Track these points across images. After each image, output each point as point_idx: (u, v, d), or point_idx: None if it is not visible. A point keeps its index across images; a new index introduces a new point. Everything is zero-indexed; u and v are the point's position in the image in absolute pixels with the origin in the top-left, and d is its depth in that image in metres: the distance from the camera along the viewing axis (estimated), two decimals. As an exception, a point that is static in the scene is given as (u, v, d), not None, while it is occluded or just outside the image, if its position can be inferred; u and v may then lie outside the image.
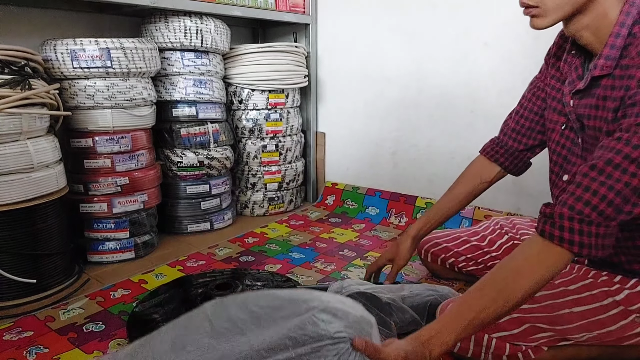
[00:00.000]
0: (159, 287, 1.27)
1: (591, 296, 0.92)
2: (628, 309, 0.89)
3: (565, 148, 0.98)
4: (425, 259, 1.36)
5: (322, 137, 2.17)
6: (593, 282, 0.94)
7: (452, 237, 1.32)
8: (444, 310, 0.95)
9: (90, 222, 1.49)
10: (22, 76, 1.19)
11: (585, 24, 0.84)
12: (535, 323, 0.91)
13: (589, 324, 0.90)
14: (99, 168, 1.46)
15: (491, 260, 1.24)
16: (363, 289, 1.05)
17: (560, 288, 0.95)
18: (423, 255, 1.36)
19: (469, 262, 1.27)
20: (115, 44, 1.39)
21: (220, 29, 1.71)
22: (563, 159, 0.98)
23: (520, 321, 0.91)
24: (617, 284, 0.92)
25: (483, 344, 0.91)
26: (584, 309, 0.91)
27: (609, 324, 0.90)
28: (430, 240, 1.33)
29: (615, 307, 0.90)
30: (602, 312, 0.90)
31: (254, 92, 1.88)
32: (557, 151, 1.00)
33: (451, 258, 1.29)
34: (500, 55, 1.59)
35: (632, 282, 0.91)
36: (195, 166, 1.73)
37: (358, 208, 1.99)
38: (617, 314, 0.90)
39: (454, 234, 1.33)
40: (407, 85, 1.84)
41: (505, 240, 1.25)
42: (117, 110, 1.45)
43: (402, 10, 1.80)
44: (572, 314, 0.90)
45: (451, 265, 1.30)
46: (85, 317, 1.17)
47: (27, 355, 1.01)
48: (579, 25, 0.85)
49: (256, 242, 1.68)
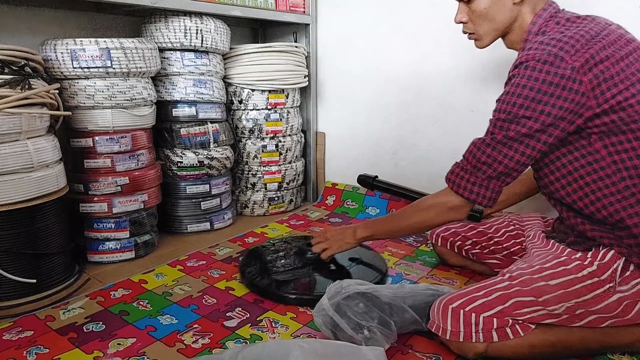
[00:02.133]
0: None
1: (565, 270, 0.98)
2: (601, 279, 0.96)
3: None
4: (435, 242, 1.45)
5: (322, 137, 2.17)
6: (567, 259, 1.00)
7: (461, 224, 1.41)
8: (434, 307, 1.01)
9: (91, 222, 1.49)
10: (22, 76, 1.19)
11: (513, 40, 1.10)
12: (518, 297, 0.96)
13: (566, 294, 0.95)
14: (99, 168, 1.46)
15: (494, 245, 1.33)
16: (363, 289, 1.05)
17: (536, 266, 1.01)
18: (434, 240, 1.45)
19: (474, 246, 1.36)
20: (115, 44, 1.39)
21: (220, 29, 1.71)
22: None
23: (504, 298, 0.97)
24: (589, 258, 0.98)
25: (472, 322, 0.95)
26: (560, 280, 0.97)
27: (585, 293, 0.95)
28: (441, 226, 1.43)
29: (590, 279, 0.96)
30: (577, 282, 0.96)
31: (254, 92, 1.88)
32: None
33: (458, 241, 1.39)
34: (500, 55, 1.59)
35: (600, 254, 0.98)
36: (195, 166, 1.73)
37: (358, 208, 1.99)
38: (592, 285, 0.96)
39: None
40: (407, 85, 1.84)
41: (511, 229, 1.33)
42: (117, 110, 1.45)
43: (402, 10, 1.80)
44: (549, 285, 0.96)
45: (459, 248, 1.39)
46: (85, 316, 1.17)
47: (27, 355, 1.01)
48: (510, 41, 1.12)
49: (256, 242, 1.68)
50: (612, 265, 0.96)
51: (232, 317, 1.17)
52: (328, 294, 1.05)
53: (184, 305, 1.23)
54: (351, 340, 0.97)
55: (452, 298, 1.00)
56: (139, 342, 1.06)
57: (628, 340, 1.00)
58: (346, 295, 1.03)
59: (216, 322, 1.15)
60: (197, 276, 1.40)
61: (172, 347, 1.04)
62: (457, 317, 0.97)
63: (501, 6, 1.04)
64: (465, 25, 1.12)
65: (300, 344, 0.85)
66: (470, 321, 0.96)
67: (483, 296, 0.98)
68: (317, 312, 1.04)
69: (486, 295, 0.98)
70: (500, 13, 1.05)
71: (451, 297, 1.00)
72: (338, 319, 0.99)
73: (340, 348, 0.87)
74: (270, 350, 0.84)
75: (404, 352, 1.03)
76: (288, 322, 1.15)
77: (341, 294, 1.03)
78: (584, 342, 0.98)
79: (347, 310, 1.00)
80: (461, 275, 1.41)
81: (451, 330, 0.97)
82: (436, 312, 1.00)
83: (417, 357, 1.01)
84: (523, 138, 0.95)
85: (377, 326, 0.99)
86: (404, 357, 1.02)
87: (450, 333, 0.97)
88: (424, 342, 1.06)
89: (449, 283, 1.36)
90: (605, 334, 0.99)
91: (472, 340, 0.96)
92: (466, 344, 0.97)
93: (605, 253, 0.98)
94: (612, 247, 0.97)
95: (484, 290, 0.99)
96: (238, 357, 0.84)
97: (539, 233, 1.18)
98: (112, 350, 1.03)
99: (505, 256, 1.32)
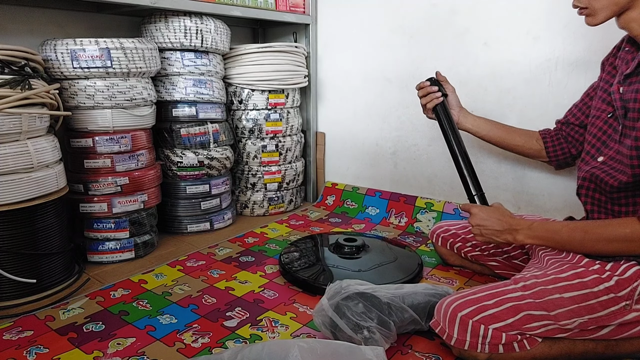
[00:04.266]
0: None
1: (581, 283, 0.95)
2: (617, 296, 0.93)
3: (606, 134, 1.05)
4: (436, 242, 1.46)
5: (322, 137, 2.17)
6: (584, 270, 0.97)
7: (461, 226, 1.41)
8: (440, 309, 0.99)
9: (90, 222, 1.49)
10: (22, 76, 1.19)
11: (633, 17, 0.95)
12: (529, 310, 0.94)
13: (579, 309, 0.93)
14: (99, 168, 1.46)
15: (495, 248, 1.32)
16: (362, 289, 1.05)
17: (551, 276, 0.98)
18: (434, 240, 1.46)
19: (474, 248, 1.36)
20: (115, 44, 1.39)
21: (220, 29, 1.71)
22: (602, 143, 1.06)
23: (515, 310, 0.94)
24: (607, 272, 0.94)
25: (480, 334, 0.93)
26: (574, 294, 0.94)
27: (599, 310, 0.93)
28: (442, 227, 1.44)
29: (606, 294, 0.93)
30: (592, 297, 0.93)
31: (254, 92, 1.88)
32: (597, 135, 1.07)
33: (458, 243, 1.39)
34: (500, 55, 1.59)
35: (621, 269, 0.94)
36: (195, 166, 1.73)
37: (358, 208, 1.99)
38: (607, 301, 0.93)
39: (464, 222, 1.42)
40: (407, 85, 1.84)
41: None
42: (117, 110, 1.45)
43: (402, 10, 1.80)
44: (563, 299, 0.94)
45: (458, 249, 1.39)
46: (85, 316, 1.17)
47: (27, 355, 1.01)
48: (628, 19, 0.96)
49: (256, 242, 1.68)
50: (632, 282, 0.92)
51: (232, 317, 1.17)
52: (327, 294, 1.05)
53: (183, 305, 1.23)
54: (351, 341, 0.97)
55: (461, 304, 0.96)
56: (138, 341, 1.06)
57: (630, 350, 0.98)
58: (345, 296, 1.03)
59: (216, 321, 1.15)
60: (197, 276, 1.40)
61: (171, 347, 1.04)
62: (465, 327, 0.94)
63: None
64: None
65: (300, 343, 0.85)
66: (479, 332, 0.93)
67: (494, 306, 0.94)
68: (316, 313, 1.04)
69: (497, 305, 0.95)
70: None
71: (460, 302, 0.97)
72: (337, 320, 0.99)
73: (340, 348, 0.87)
74: (270, 350, 0.85)
75: (403, 352, 1.03)
76: (288, 322, 1.15)
77: (340, 294, 1.03)
78: (586, 354, 0.97)
79: (346, 311, 1.00)
80: (461, 275, 1.41)
81: (457, 338, 0.95)
82: (442, 316, 0.97)
83: (416, 357, 1.01)
84: None
85: (377, 326, 0.99)
86: (403, 357, 1.02)
87: (456, 341, 0.95)
88: (423, 342, 1.06)
89: (449, 283, 1.36)
90: (607, 347, 0.98)
91: (477, 350, 0.94)
92: (469, 352, 0.95)
93: (626, 268, 0.93)
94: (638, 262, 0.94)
95: (495, 298, 0.96)
96: (238, 356, 0.84)
97: None
98: (111, 350, 1.03)
99: (506, 259, 1.31)
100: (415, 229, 1.81)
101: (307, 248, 1.54)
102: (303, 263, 1.41)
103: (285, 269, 1.38)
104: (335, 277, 1.32)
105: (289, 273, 1.36)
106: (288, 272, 1.37)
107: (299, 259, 1.44)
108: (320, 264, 1.42)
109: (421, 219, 1.82)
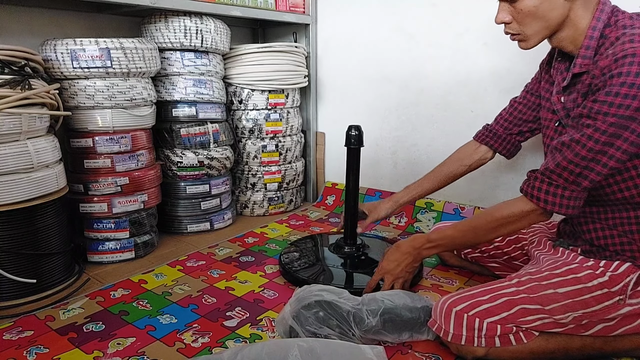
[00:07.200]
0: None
1: (575, 279, 0.97)
2: (611, 291, 0.95)
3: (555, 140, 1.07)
4: None
5: (322, 137, 2.17)
6: (578, 266, 0.99)
7: None
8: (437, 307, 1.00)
9: (90, 222, 1.49)
10: (22, 76, 1.19)
11: (563, 37, 0.99)
12: (524, 304, 0.95)
13: (573, 304, 0.95)
14: (99, 168, 1.46)
15: (495, 249, 1.32)
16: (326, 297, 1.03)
17: (545, 272, 1.00)
18: None
19: (474, 250, 1.36)
20: (115, 44, 1.39)
21: (220, 29, 1.71)
22: None
23: (510, 304, 0.96)
24: (601, 268, 0.97)
25: (475, 327, 0.95)
26: (568, 289, 0.96)
27: (593, 304, 0.95)
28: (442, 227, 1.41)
29: (600, 289, 0.95)
30: (586, 292, 0.95)
31: (254, 92, 1.88)
32: (547, 144, 1.12)
33: None
34: (500, 55, 1.59)
35: (614, 265, 0.97)
36: (195, 166, 1.73)
37: (358, 208, 1.99)
38: (601, 295, 0.95)
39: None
40: (407, 85, 1.84)
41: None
42: (117, 110, 1.45)
43: (402, 10, 1.80)
44: (557, 294, 0.96)
45: (458, 250, 1.40)
46: (85, 316, 1.17)
47: (27, 355, 1.01)
48: (559, 39, 1.00)
49: (256, 242, 1.68)
50: (625, 277, 0.95)
51: (232, 317, 1.17)
52: (290, 303, 1.04)
53: (183, 305, 1.23)
54: None
55: (456, 300, 0.98)
56: (138, 341, 1.06)
57: (628, 347, 0.99)
58: (306, 304, 1.02)
59: (216, 321, 1.15)
60: (197, 276, 1.40)
61: (171, 347, 1.04)
62: (460, 321, 0.96)
63: (552, 2, 0.95)
64: (508, 25, 1.01)
65: (300, 343, 0.85)
66: (474, 326, 0.95)
67: (488, 301, 0.96)
68: (278, 322, 1.04)
69: (491, 300, 0.96)
70: (552, 10, 0.95)
71: (455, 299, 0.99)
72: (297, 327, 0.99)
73: (340, 347, 0.87)
74: (270, 350, 0.85)
75: (403, 352, 1.03)
76: (288, 322, 1.15)
77: (302, 302, 1.02)
78: (584, 349, 0.98)
79: (304, 321, 1.00)
80: (460, 275, 1.41)
81: (453, 333, 0.96)
82: (439, 313, 0.99)
83: (416, 357, 1.02)
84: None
85: (337, 334, 0.99)
86: (403, 357, 1.02)
87: (452, 336, 0.97)
88: (423, 342, 1.06)
89: (449, 283, 1.36)
90: (605, 343, 0.99)
91: (474, 344, 0.95)
92: (467, 347, 0.96)
93: (619, 265, 0.96)
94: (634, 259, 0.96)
95: (490, 294, 0.98)
96: (237, 356, 0.84)
97: (545, 239, 1.17)
98: (111, 350, 1.03)
99: (506, 261, 1.31)
100: (415, 229, 1.81)
101: (307, 248, 1.54)
102: (303, 263, 1.41)
103: (285, 269, 1.38)
104: (335, 277, 1.33)
105: (289, 273, 1.36)
106: (288, 272, 1.37)
107: (299, 259, 1.44)
108: (320, 264, 1.42)
109: (421, 219, 1.82)
